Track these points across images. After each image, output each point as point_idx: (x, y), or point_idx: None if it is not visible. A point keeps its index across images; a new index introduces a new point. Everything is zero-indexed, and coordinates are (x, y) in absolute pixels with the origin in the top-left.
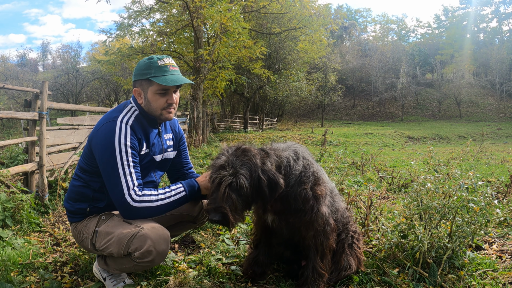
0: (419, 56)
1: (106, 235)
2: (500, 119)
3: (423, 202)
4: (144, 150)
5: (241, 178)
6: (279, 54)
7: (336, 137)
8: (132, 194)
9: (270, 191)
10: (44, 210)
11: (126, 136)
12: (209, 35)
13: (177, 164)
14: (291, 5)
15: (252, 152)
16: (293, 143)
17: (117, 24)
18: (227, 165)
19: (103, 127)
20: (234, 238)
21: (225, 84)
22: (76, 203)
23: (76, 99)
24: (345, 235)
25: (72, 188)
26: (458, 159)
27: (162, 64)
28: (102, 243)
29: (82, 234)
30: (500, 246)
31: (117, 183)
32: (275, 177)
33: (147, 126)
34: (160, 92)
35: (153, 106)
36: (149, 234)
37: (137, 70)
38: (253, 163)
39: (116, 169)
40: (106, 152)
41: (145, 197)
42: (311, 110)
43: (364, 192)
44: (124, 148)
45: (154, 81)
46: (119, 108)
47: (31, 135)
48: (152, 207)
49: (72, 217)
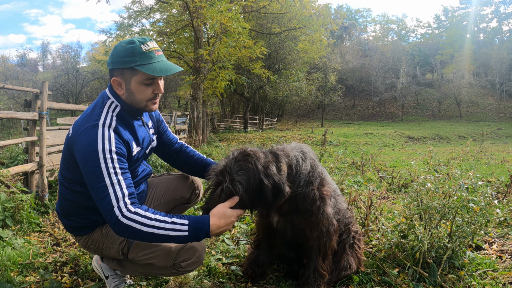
0: (419, 56)
1: (149, 247)
2: (500, 119)
3: (423, 202)
4: (135, 149)
5: (235, 184)
6: (279, 54)
7: (336, 137)
8: (122, 207)
9: (273, 196)
10: (44, 210)
11: (110, 142)
12: (209, 35)
13: (164, 145)
14: (291, 5)
15: (254, 156)
16: (298, 143)
17: (117, 24)
18: (224, 170)
19: (83, 132)
20: (234, 238)
21: (225, 84)
22: (80, 218)
23: (76, 99)
24: (346, 236)
25: (69, 203)
26: (458, 159)
27: (147, 49)
28: (141, 254)
29: (102, 243)
30: (500, 246)
31: (104, 194)
32: (280, 183)
33: (132, 121)
34: (146, 82)
35: (137, 98)
36: (196, 246)
37: (116, 56)
38: (252, 168)
39: (101, 180)
40: (89, 161)
41: (136, 217)
42: (311, 110)
43: (364, 192)
44: (109, 154)
45: (141, 70)
46: (97, 105)
47: (31, 135)
48: (140, 231)
49: (79, 231)
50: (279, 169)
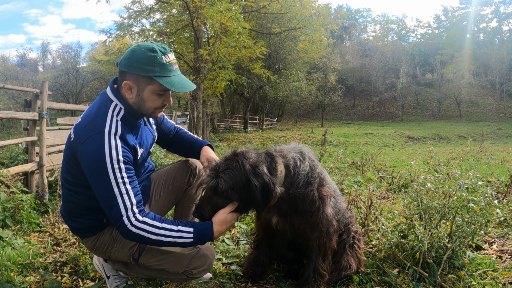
0: (419, 56)
1: (161, 253)
2: (500, 119)
3: (423, 202)
4: (140, 151)
5: (220, 182)
6: (279, 54)
7: (336, 137)
8: (131, 216)
9: (263, 197)
10: (44, 210)
11: (118, 151)
12: (209, 35)
13: (162, 134)
14: (291, 5)
15: (243, 155)
16: (297, 144)
17: (117, 24)
18: (214, 168)
19: (89, 140)
20: (234, 238)
21: (225, 84)
22: (85, 219)
23: (76, 99)
24: (346, 236)
25: (72, 205)
26: (458, 159)
27: (167, 61)
28: (152, 259)
29: (112, 246)
30: (500, 246)
31: (113, 204)
32: (269, 183)
33: (135, 122)
34: (159, 92)
35: (146, 105)
36: (207, 254)
37: (135, 61)
38: (238, 166)
39: (110, 189)
40: (96, 170)
41: (145, 226)
42: (311, 110)
43: (364, 192)
44: (117, 164)
45: (159, 81)
46: (101, 109)
47: (31, 135)
48: (149, 239)
49: (85, 232)
50: (274, 169)
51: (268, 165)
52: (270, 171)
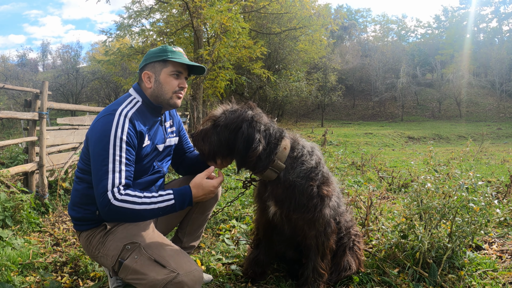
0: (419, 56)
1: (135, 273)
2: (500, 119)
3: (423, 202)
4: (146, 141)
5: (222, 116)
6: (279, 54)
7: (336, 137)
8: (115, 191)
9: (244, 147)
10: (44, 210)
11: (123, 130)
12: (209, 35)
13: (179, 150)
14: (291, 5)
15: (251, 108)
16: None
17: (117, 24)
18: (225, 108)
19: (100, 120)
20: (234, 238)
21: (225, 84)
22: (81, 208)
23: (76, 99)
24: (347, 239)
25: (75, 193)
26: (458, 159)
27: (177, 50)
28: (128, 277)
29: (98, 250)
30: (500, 246)
31: (104, 177)
32: (254, 136)
33: (150, 117)
34: (174, 73)
35: (165, 89)
36: (185, 281)
37: (150, 54)
38: (242, 113)
39: (106, 163)
40: (99, 144)
41: (127, 197)
42: (311, 110)
43: (364, 192)
44: (119, 143)
45: (171, 60)
46: (119, 100)
47: (31, 135)
48: (133, 210)
49: (79, 225)
50: (277, 139)
51: (271, 133)
52: (269, 139)
